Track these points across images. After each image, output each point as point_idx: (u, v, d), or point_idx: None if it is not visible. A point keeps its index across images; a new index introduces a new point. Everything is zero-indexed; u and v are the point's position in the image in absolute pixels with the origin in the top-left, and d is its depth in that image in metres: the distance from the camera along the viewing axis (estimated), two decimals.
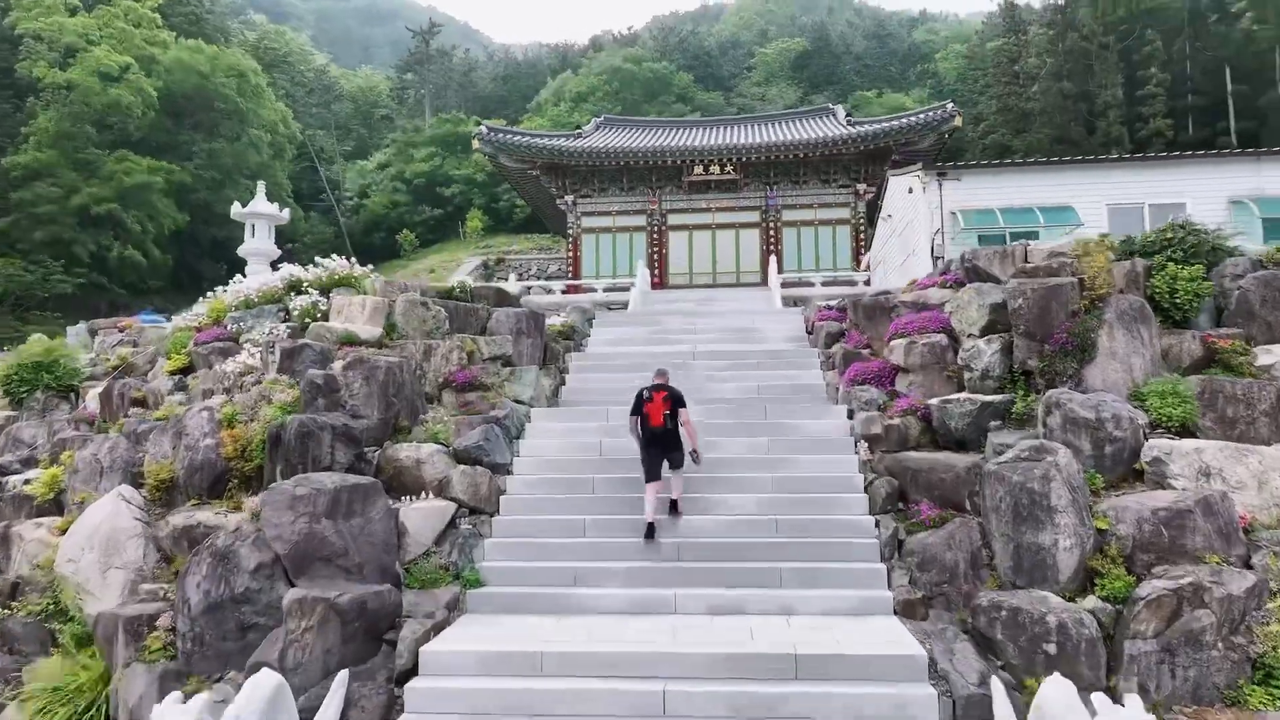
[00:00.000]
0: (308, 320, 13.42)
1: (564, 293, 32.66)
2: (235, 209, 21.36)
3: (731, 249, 36.81)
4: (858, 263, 35.85)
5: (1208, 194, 20.71)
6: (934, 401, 11.08)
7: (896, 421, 11.20)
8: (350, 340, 12.36)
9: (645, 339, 17.53)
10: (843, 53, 74.66)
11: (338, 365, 11.61)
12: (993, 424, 10.52)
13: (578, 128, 39.33)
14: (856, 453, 11.33)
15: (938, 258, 21.25)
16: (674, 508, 10.24)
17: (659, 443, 10.06)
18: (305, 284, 14.26)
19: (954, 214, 21.12)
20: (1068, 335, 10.51)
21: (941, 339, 12.08)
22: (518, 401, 13.03)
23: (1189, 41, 51.63)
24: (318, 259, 14.99)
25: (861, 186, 36.15)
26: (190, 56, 45.18)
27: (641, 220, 37.33)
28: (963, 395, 10.91)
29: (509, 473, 11.44)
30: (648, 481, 10.00)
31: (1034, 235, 21.07)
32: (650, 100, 63.20)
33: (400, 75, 69.11)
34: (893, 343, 12.59)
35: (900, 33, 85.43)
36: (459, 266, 49.72)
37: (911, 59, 76.23)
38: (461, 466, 10.82)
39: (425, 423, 11.71)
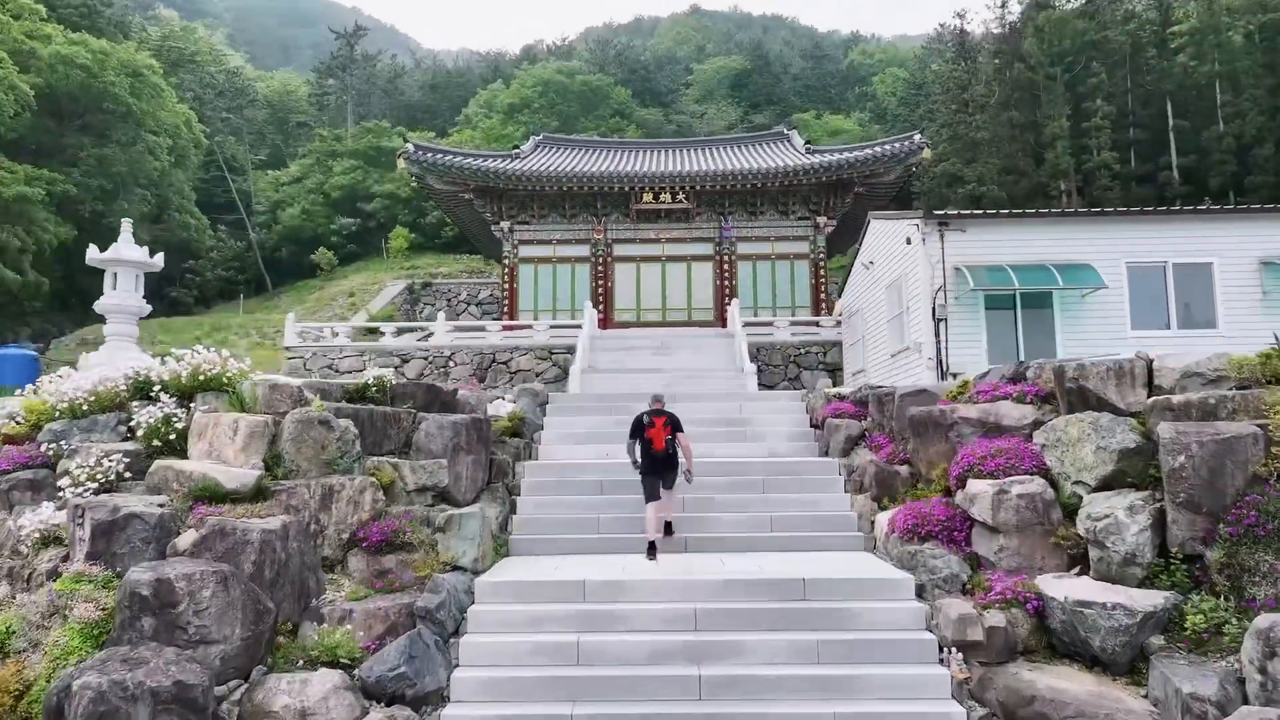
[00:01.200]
0: (156, 443, 9.32)
1: (502, 331, 28.71)
2: (91, 253, 16.84)
3: (683, 283, 33.34)
4: (819, 302, 32.81)
5: (1237, 254, 18.08)
6: (1055, 593, 7.69)
7: (999, 621, 7.77)
8: (210, 493, 8.31)
9: (613, 433, 13.77)
10: (781, 72, 72.28)
11: (185, 540, 7.60)
12: (1154, 640, 7.18)
13: (515, 146, 35.45)
14: (943, 663, 7.86)
15: (940, 320, 18.11)
16: (668, 529, 10.57)
17: (660, 466, 10.27)
18: (156, 386, 10.10)
19: (958, 270, 18.05)
20: (1257, 514, 7.24)
21: (1042, 489, 8.69)
22: (455, 567, 9.15)
23: (1129, 75, 50.40)
24: (174, 350, 10.77)
25: (822, 219, 33.11)
26: (72, 51, 39.60)
27: (585, 250, 33.58)
28: (1105, 594, 7.49)
29: (444, 700, 7.58)
30: (648, 502, 10.21)
31: (1047, 297, 18.14)
32: (587, 114, 59.50)
33: (320, 80, 63.82)
34: (972, 488, 9.13)
35: (835, 54, 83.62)
36: (380, 291, 45.20)
37: (850, 80, 74.31)
38: (376, 712, 6.96)
39: (321, 617, 7.80)
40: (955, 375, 17.92)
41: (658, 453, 10.18)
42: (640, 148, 37.33)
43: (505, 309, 33.34)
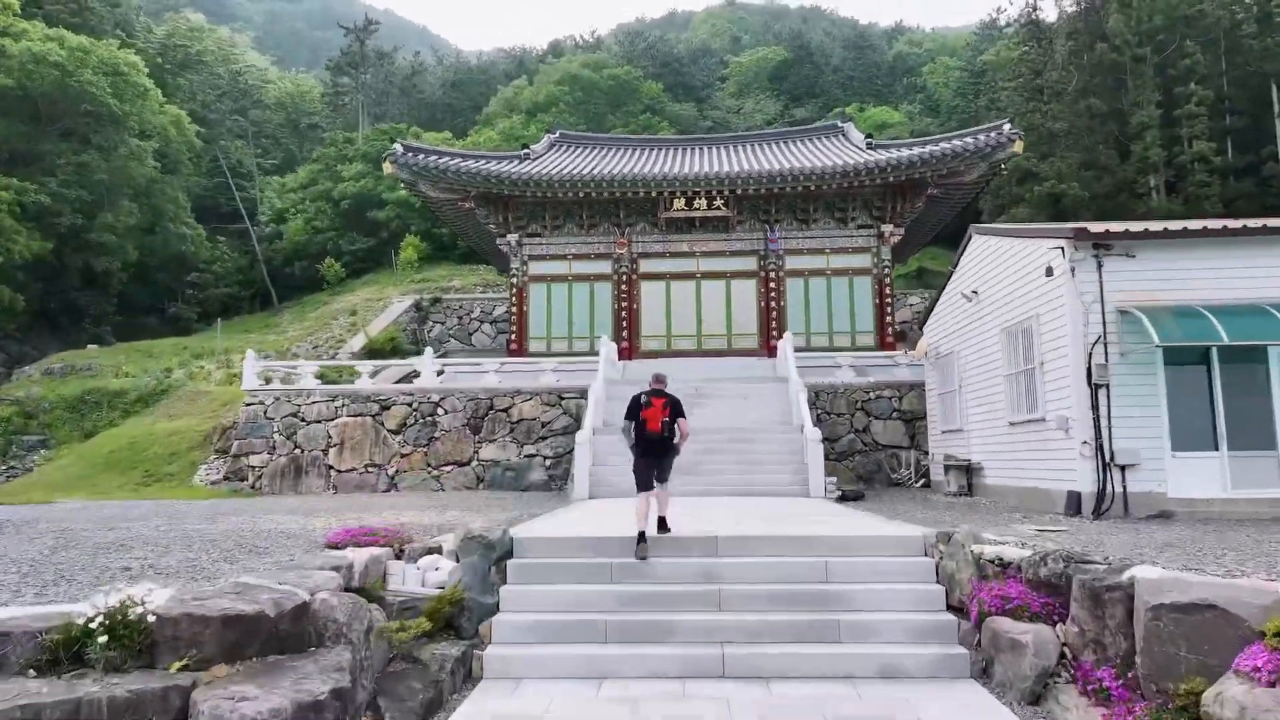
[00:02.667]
0: None
1: (501, 370, 23.19)
2: None
3: (721, 304, 27.58)
4: (884, 327, 26.83)
5: None
6: None
7: None
8: None
9: (621, 634, 7.91)
10: (823, 63, 66.01)
11: None
12: None
13: (524, 146, 30.02)
14: None
15: (1099, 386, 12.18)
16: (662, 524, 9.34)
17: (655, 450, 9.39)
18: None
19: (1125, 313, 12.13)
20: None
21: None
22: None
23: (1224, 55, 43.51)
24: None
25: (888, 228, 27.12)
26: (45, 48, 34.85)
27: (606, 266, 27.97)
28: None
29: None
30: (640, 490, 9.23)
31: (1260, 352, 12.08)
32: (615, 110, 53.83)
33: (333, 79, 58.95)
34: None
35: (880, 44, 77.01)
36: (386, 308, 39.96)
37: (897, 71, 67.79)
38: None
39: None
40: (1124, 467, 12.00)
41: (652, 434, 9.31)
42: (671, 146, 31.59)
43: (512, 336, 27.82)
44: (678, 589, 8.13)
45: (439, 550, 8.57)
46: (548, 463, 21.51)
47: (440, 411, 22.15)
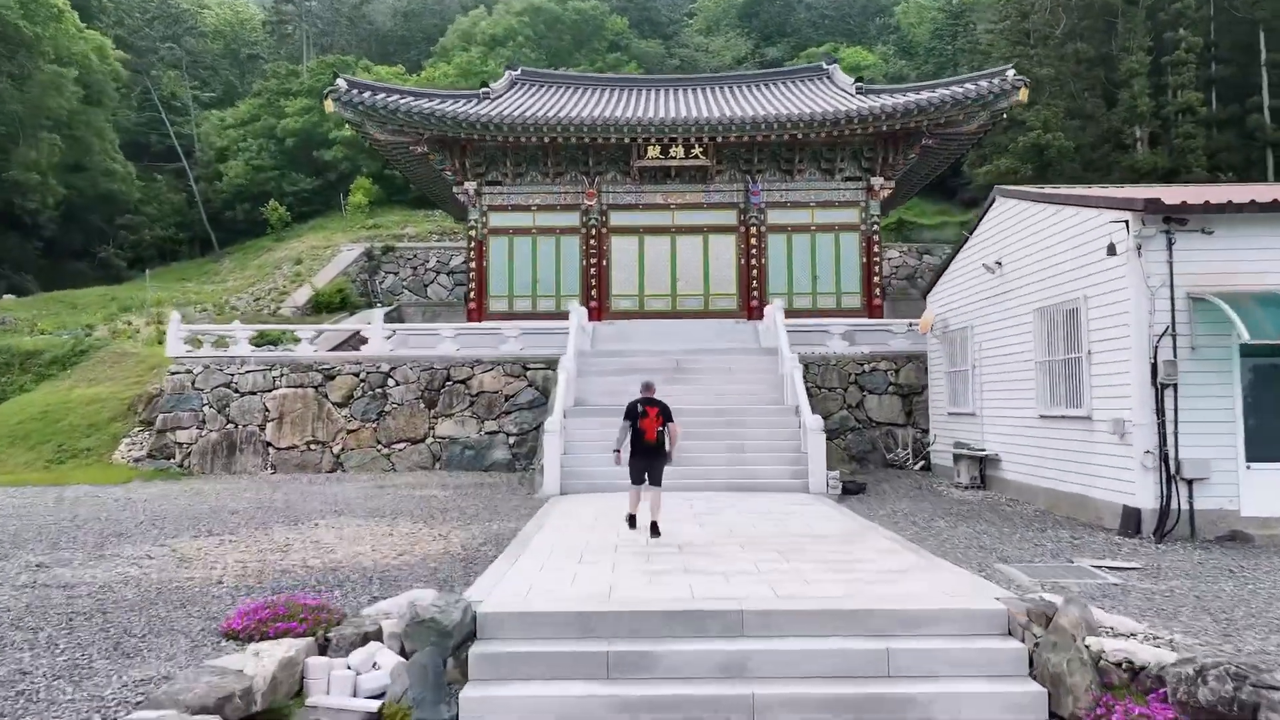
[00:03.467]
0: None
1: (459, 336, 20.77)
2: None
3: (698, 261, 25.28)
4: (871, 288, 24.82)
5: None
6: None
7: None
8: None
9: None
10: (795, 1, 62.67)
11: None
12: None
13: (484, 84, 27.05)
14: None
15: (1165, 385, 10.27)
16: (654, 529, 9.88)
17: (648, 454, 10.17)
18: None
19: (1195, 300, 10.19)
20: None
21: None
22: None
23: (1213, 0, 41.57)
24: None
25: (877, 181, 24.91)
26: None
27: (574, 218, 25.42)
28: None
29: None
30: (634, 484, 10.26)
31: None
32: (580, 48, 50.40)
33: (276, 5, 54.25)
34: None
35: None
36: (334, 257, 36.93)
37: (870, 11, 64.76)
38: None
39: None
40: (1191, 481, 10.21)
41: (649, 443, 10.12)
42: (643, 87, 28.81)
43: (471, 294, 25.29)
44: (695, 692, 6.05)
45: (378, 635, 6.37)
46: (511, 440, 19.32)
47: (391, 383, 19.74)
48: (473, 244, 25.37)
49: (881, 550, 9.00)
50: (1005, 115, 23.47)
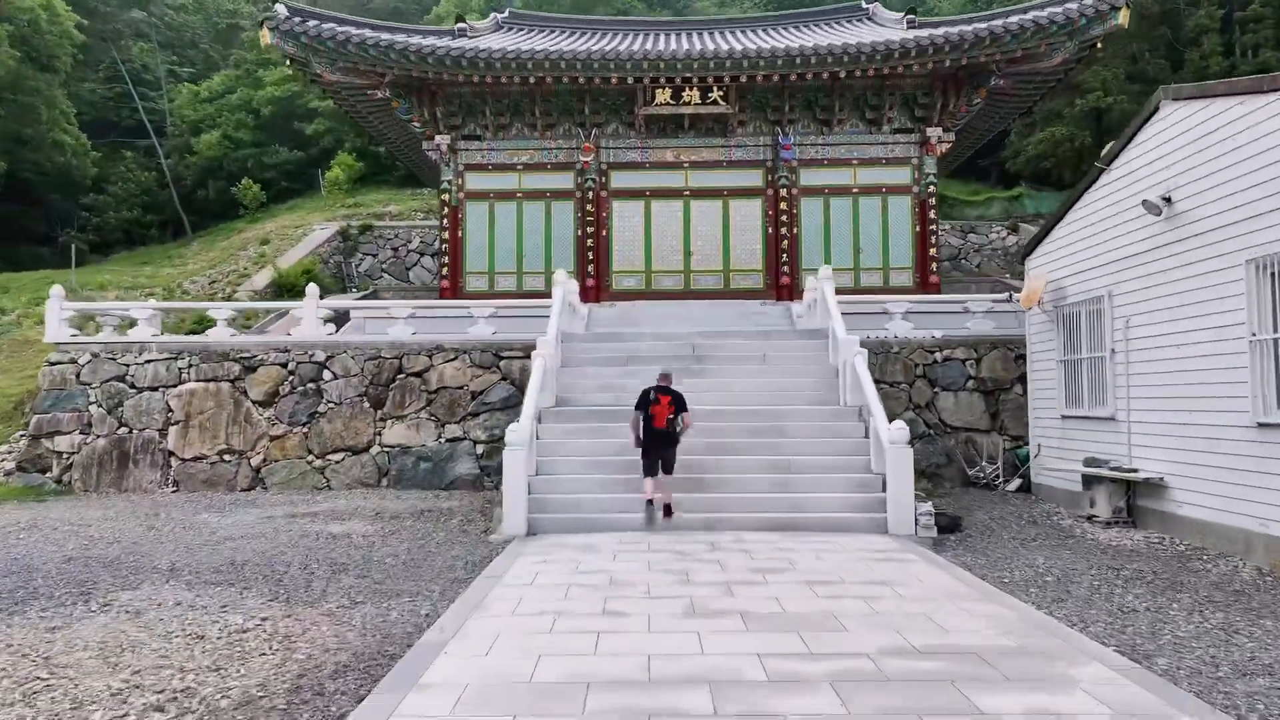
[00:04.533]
0: None
1: (413, 318, 16.23)
2: None
3: (716, 231, 20.66)
4: (926, 262, 20.16)
5: None
6: None
7: None
8: None
9: None
10: None
11: None
12: None
13: (459, 18, 22.40)
14: None
15: None
16: (668, 511, 9.83)
17: (660, 443, 9.90)
18: None
19: None
20: None
21: None
22: None
23: None
24: None
25: (934, 132, 20.22)
26: None
27: (567, 180, 20.84)
28: None
29: None
30: (647, 476, 9.90)
31: None
32: (581, 12, 45.59)
33: None
34: None
35: None
36: (304, 237, 32.45)
37: None
38: None
39: None
40: None
41: (659, 430, 9.84)
42: (652, 30, 24.11)
43: (443, 270, 20.73)
44: None
45: None
46: (479, 449, 14.76)
47: (328, 375, 15.21)
48: (446, 210, 20.80)
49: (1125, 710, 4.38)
50: (1098, 46, 18.69)
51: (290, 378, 15.26)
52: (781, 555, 8.36)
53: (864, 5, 24.40)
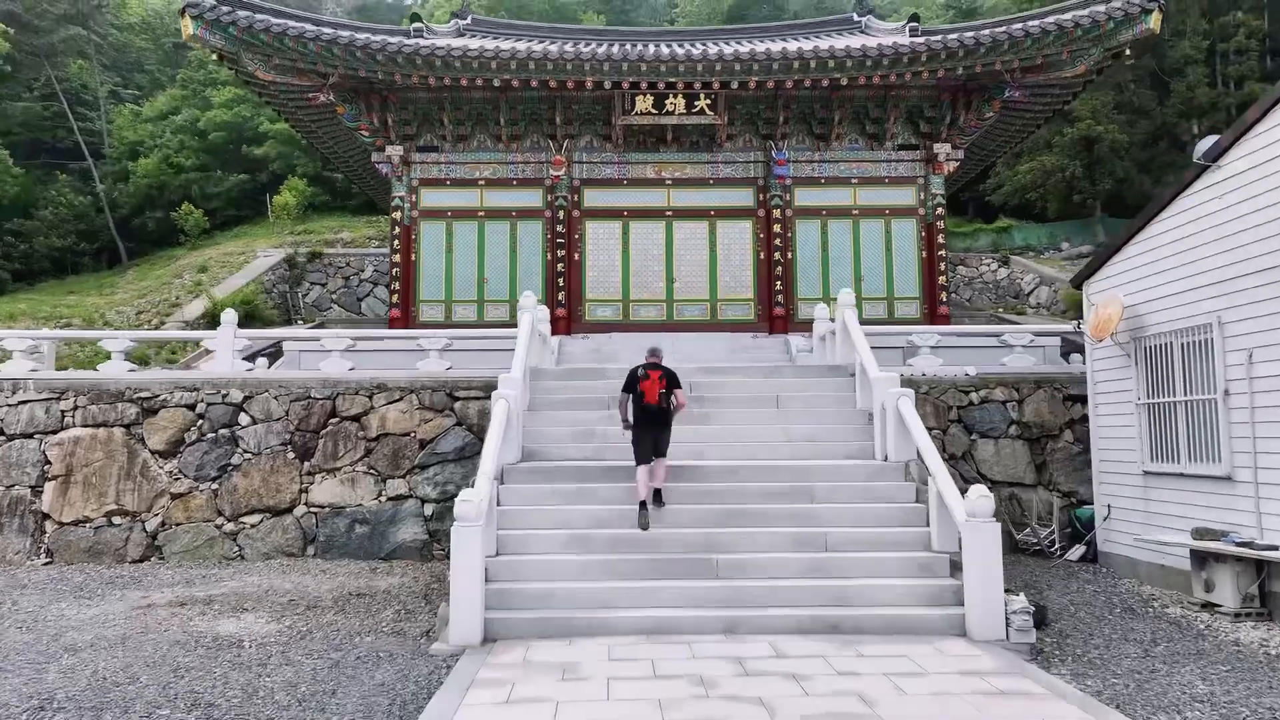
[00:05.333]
0: None
1: (353, 350, 13.57)
2: None
3: (702, 255, 18.33)
4: (934, 291, 18.00)
5: None
6: None
7: None
8: None
9: None
10: (786, 2, 56.77)
11: None
12: None
13: (414, 16, 20.03)
14: None
15: None
16: (658, 496, 8.81)
17: (652, 422, 8.90)
18: None
19: None
20: None
21: None
22: None
23: None
24: None
25: (942, 149, 18.19)
26: None
27: (535, 197, 18.42)
28: None
29: None
30: (639, 464, 8.77)
31: None
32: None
33: None
34: None
35: None
36: (246, 264, 29.58)
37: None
38: None
39: None
40: None
41: (650, 405, 8.85)
42: (629, 40, 21.90)
43: (393, 298, 18.07)
44: None
45: None
46: (428, 510, 12.06)
47: (245, 420, 12.43)
48: (397, 230, 18.21)
49: None
50: (1128, 52, 16.82)
51: (199, 423, 12.45)
52: (846, 685, 5.81)
53: (855, 18, 22.51)
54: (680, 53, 16.80)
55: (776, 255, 18.10)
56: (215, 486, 12.21)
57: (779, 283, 18.01)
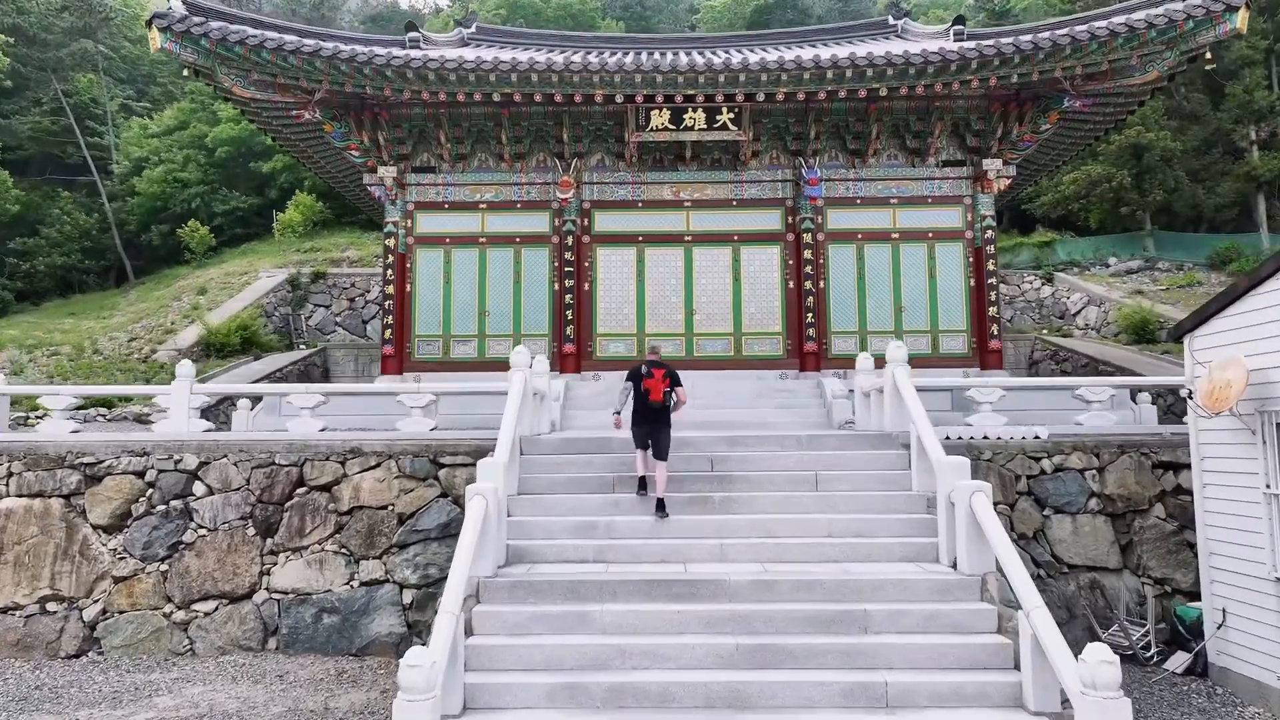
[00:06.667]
0: None
1: (323, 409, 11.86)
2: None
3: (725, 283, 16.48)
4: (984, 322, 16.03)
5: None
6: None
7: None
8: None
9: None
10: (811, 6, 54.75)
11: None
12: None
13: (410, 25, 18.40)
14: None
15: None
16: (660, 507, 8.63)
17: (652, 418, 9.00)
18: None
19: None
20: None
21: None
22: None
23: None
24: None
25: (993, 165, 16.19)
26: None
27: (542, 221, 16.66)
28: None
29: None
30: (638, 448, 9.06)
31: None
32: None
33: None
34: None
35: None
36: (248, 285, 28.16)
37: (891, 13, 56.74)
38: None
39: None
40: None
41: (654, 403, 8.96)
42: (647, 49, 20.06)
43: (386, 334, 16.36)
44: None
45: None
46: (407, 597, 10.31)
47: (200, 489, 10.74)
48: (390, 258, 16.50)
49: None
50: (1208, 55, 14.74)
51: (149, 492, 10.77)
52: None
53: (890, 21, 20.55)
54: (700, 62, 14.95)
55: (807, 284, 16.19)
56: (164, 568, 10.53)
57: (810, 315, 16.09)
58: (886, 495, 8.69)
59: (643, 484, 9.04)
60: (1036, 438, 10.57)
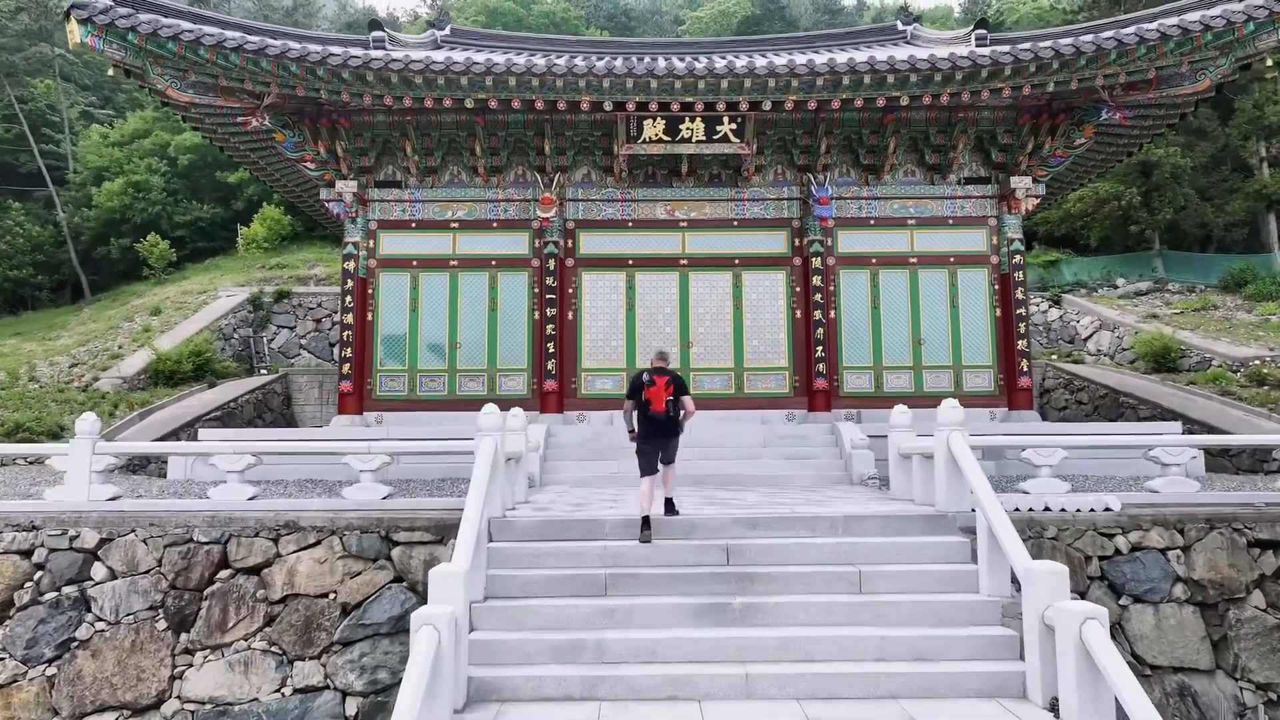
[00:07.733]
0: None
1: (252, 472, 9.89)
2: None
3: (725, 312, 14.67)
4: (1012, 355, 14.31)
5: None
6: None
7: None
8: None
9: None
10: (798, 18, 53.50)
11: None
12: None
13: (374, 24, 16.47)
14: None
15: None
16: (669, 506, 8.23)
17: (660, 431, 8.17)
18: None
19: None
20: None
21: None
22: None
23: None
24: None
25: (1021, 182, 14.52)
26: None
27: (521, 243, 14.80)
28: None
29: None
30: (644, 476, 8.05)
31: None
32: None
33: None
34: None
35: (850, 6, 65.29)
36: (207, 304, 26.05)
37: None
38: None
39: None
40: None
41: (657, 415, 8.09)
42: (637, 53, 18.24)
43: (344, 368, 14.41)
44: None
45: None
46: (350, 707, 8.32)
47: (101, 573, 8.74)
48: (350, 283, 14.56)
49: None
50: (1269, 62, 13.16)
51: (37, 576, 8.77)
52: None
53: (900, 26, 18.89)
54: (699, 66, 13.16)
55: (816, 314, 14.41)
56: (52, 672, 8.50)
57: (820, 348, 14.31)
58: (950, 601, 6.87)
59: (645, 525, 7.74)
60: (1108, 509, 8.80)
